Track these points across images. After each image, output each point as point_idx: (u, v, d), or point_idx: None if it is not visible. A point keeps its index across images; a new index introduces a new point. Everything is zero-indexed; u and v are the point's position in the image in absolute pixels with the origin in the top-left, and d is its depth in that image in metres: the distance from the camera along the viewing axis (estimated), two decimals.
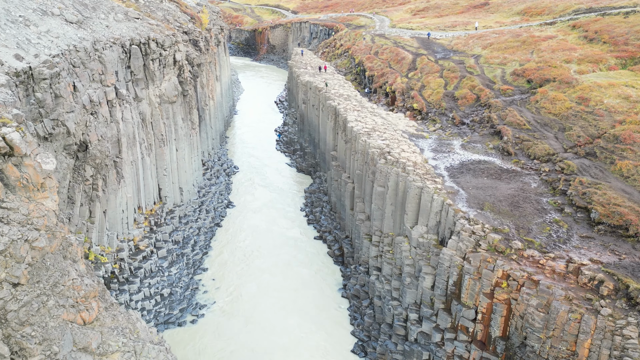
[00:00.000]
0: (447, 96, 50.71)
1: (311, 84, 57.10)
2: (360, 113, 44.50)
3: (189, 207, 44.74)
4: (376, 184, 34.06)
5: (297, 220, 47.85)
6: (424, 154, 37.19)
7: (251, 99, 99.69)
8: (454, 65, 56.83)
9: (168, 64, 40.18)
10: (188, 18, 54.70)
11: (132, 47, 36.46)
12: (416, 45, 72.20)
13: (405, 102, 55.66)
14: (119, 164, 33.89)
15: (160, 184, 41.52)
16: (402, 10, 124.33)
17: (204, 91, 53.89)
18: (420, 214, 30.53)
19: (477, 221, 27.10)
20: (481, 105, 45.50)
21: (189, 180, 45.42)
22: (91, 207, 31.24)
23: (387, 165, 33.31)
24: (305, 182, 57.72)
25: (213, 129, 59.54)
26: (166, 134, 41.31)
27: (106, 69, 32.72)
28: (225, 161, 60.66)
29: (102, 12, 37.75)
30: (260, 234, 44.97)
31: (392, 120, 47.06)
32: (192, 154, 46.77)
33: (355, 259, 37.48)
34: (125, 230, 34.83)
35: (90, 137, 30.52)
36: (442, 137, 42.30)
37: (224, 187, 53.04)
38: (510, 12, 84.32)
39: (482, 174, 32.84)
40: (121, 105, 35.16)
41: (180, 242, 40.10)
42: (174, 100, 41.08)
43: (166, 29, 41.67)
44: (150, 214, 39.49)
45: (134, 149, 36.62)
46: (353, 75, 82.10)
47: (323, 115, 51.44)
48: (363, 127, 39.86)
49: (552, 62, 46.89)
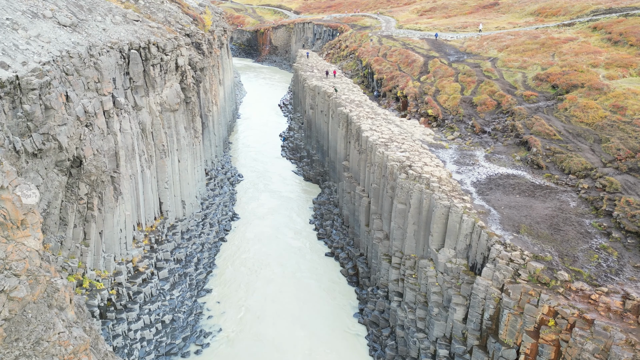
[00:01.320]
0: (464, 102, 47.93)
1: (319, 89, 54.33)
2: (374, 121, 41.74)
3: (191, 221, 42.00)
4: (396, 200, 31.31)
5: (306, 234, 45.09)
6: (447, 166, 34.43)
7: (254, 102, 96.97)
8: (469, 69, 54.05)
9: (170, 70, 37.43)
10: (190, 19, 51.96)
11: (131, 51, 33.74)
12: (427, 47, 69.44)
13: (418, 107, 52.89)
14: (116, 180, 31.15)
15: (162, 197, 38.79)
16: (407, 10, 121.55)
17: (207, 97, 51.15)
18: (447, 236, 27.77)
19: (514, 247, 24.33)
20: (503, 112, 42.71)
21: (191, 193, 42.68)
22: (86, 228, 28.49)
23: (409, 181, 30.55)
24: (313, 192, 54.97)
25: (216, 136, 56.81)
26: (167, 145, 38.57)
27: (102, 76, 29.98)
28: (229, 169, 57.92)
29: (98, 14, 35.00)
30: (267, 250, 42.21)
31: (407, 128, 44.29)
32: (195, 164, 44.03)
33: (372, 280, 34.70)
34: (124, 251, 32.08)
35: (84, 151, 27.79)
36: (462, 147, 39.53)
37: (228, 198, 50.29)
38: (522, 12, 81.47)
39: (513, 191, 30.06)
40: (119, 115, 32.42)
41: (182, 261, 37.34)
42: (176, 109, 38.33)
43: (167, 31, 38.90)
44: (151, 230, 36.75)
45: (133, 161, 33.89)
46: (360, 78, 79.36)
47: (333, 122, 48.68)
48: (379, 137, 37.09)
49: (578, 66, 44.09)
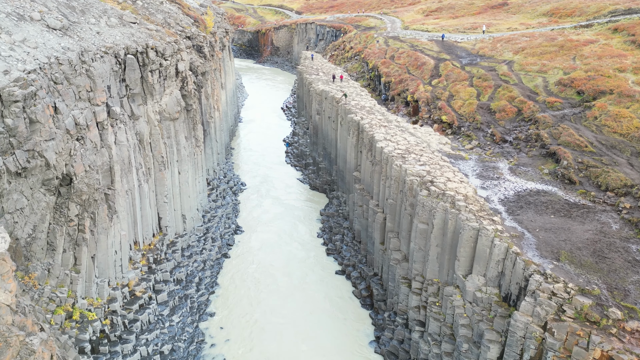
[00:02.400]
0: (481, 108, 45.29)
1: (327, 94, 51.66)
2: (387, 129, 39.08)
3: (192, 236, 39.34)
4: (417, 219, 28.65)
5: (314, 250, 42.42)
6: (469, 180, 31.75)
7: (256, 105, 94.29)
8: (484, 73, 51.41)
9: (169, 76, 34.78)
10: (191, 21, 49.31)
11: (128, 56, 31.07)
12: (436, 49, 66.78)
13: (431, 113, 50.25)
14: (111, 197, 28.49)
15: (161, 212, 36.14)
16: (412, 10, 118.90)
17: (209, 102, 48.50)
18: (475, 261, 25.13)
19: (556, 278, 21.68)
20: (524, 120, 40.06)
21: (192, 206, 40.02)
22: (77, 253, 25.83)
23: (431, 199, 27.89)
24: (320, 202, 52.31)
25: (218, 143, 54.16)
26: (167, 156, 35.92)
27: (95, 84, 27.31)
28: (232, 177, 55.25)
29: (92, 15, 32.34)
30: (272, 267, 39.55)
31: (422, 137, 41.64)
32: (196, 175, 41.38)
33: (389, 304, 32.05)
34: (119, 275, 29.43)
35: (75, 168, 25.13)
36: (483, 157, 36.88)
37: (231, 209, 47.63)
38: (534, 13, 78.80)
39: (547, 210, 27.40)
40: (114, 126, 29.77)
41: (183, 281, 34.69)
42: (176, 117, 35.68)
43: (167, 34, 36.24)
44: (149, 249, 34.10)
45: (129, 176, 31.24)
46: (366, 80, 76.73)
47: (342, 130, 46.03)
48: (395, 148, 34.43)
49: (603, 70, 41.45)
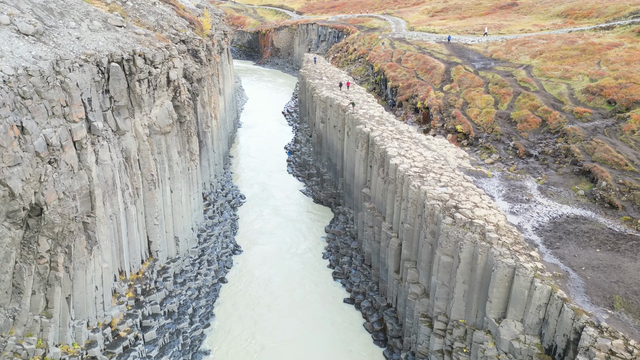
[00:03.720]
0: (500, 117, 41.77)
1: (332, 101, 48.16)
2: (401, 143, 35.57)
3: (186, 259, 35.87)
4: (440, 251, 25.17)
5: (320, 273, 38.91)
6: (496, 202, 28.23)
7: (256, 109, 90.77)
8: (501, 79, 47.90)
9: (160, 85, 31.29)
10: (186, 23, 45.84)
11: (112, 65, 27.60)
12: (446, 52, 63.29)
13: (444, 122, 46.74)
14: (90, 226, 25.01)
15: (150, 236, 32.67)
16: (417, 11, 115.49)
17: (206, 111, 45.03)
18: (511, 304, 21.66)
19: (614, 332, 18.20)
20: (550, 131, 36.56)
21: (186, 227, 36.53)
22: (48, 295, 22.35)
23: (457, 228, 24.39)
24: (325, 217, 48.82)
25: (216, 153, 50.68)
26: (158, 173, 32.45)
27: (72, 98, 23.83)
28: (230, 190, 51.75)
29: (72, 18, 28.85)
30: (274, 294, 36.04)
31: (437, 149, 38.15)
32: (191, 192, 37.89)
33: (406, 344, 28.54)
34: (100, 313, 25.94)
35: (46, 196, 21.66)
36: (507, 174, 33.38)
37: (229, 226, 44.12)
38: (547, 13, 75.30)
39: (590, 242, 23.91)
40: (96, 143, 26.30)
41: (175, 313, 31.20)
42: (168, 131, 32.20)
43: (158, 39, 32.74)
44: (137, 278, 30.62)
45: (113, 199, 27.76)
46: (371, 84, 73.29)
47: (349, 141, 42.53)
48: (411, 166, 30.92)
49: (635, 77, 37.99)
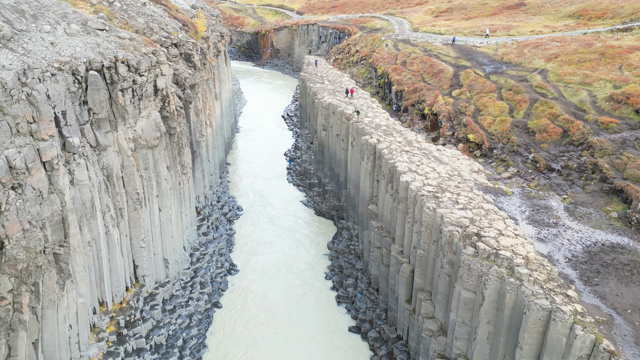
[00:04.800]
0: (516, 127, 38.79)
1: (335, 108, 45.17)
2: (411, 156, 32.58)
3: (176, 283, 32.93)
4: (460, 285, 22.22)
5: (322, 296, 35.95)
6: (520, 225, 25.24)
7: (255, 113, 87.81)
8: (514, 84, 44.91)
9: (146, 95, 28.33)
10: (179, 25, 42.89)
11: (90, 73, 24.66)
12: (454, 55, 60.32)
13: (455, 130, 43.79)
14: (63, 257, 22.08)
15: (137, 259, 29.74)
16: (420, 11, 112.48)
17: (200, 119, 42.08)
18: (546, 352, 18.71)
19: None
20: (573, 143, 33.59)
21: (177, 247, 33.59)
22: (11, 341, 19.40)
23: (480, 260, 21.44)
24: (327, 231, 45.86)
25: (211, 163, 47.73)
26: (144, 191, 29.51)
27: (40, 113, 20.89)
28: (227, 201, 48.79)
29: (46, 21, 25.90)
30: (272, 321, 33.06)
31: (449, 161, 35.21)
32: (182, 208, 34.96)
33: None
34: (75, 354, 22.99)
35: (7, 228, 18.72)
36: (528, 191, 30.41)
37: (224, 243, 41.14)
38: (558, 14, 72.29)
39: (632, 276, 20.96)
40: (71, 161, 23.37)
41: (162, 347, 28.25)
42: (155, 144, 29.24)
43: (144, 43, 29.78)
44: (120, 308, 27.67)
45: (92, 222, 24.83)
46: (374, 87, 70.39)
47: (354, 152, 39.58)
48: (424, 184, 27.93)
49: None
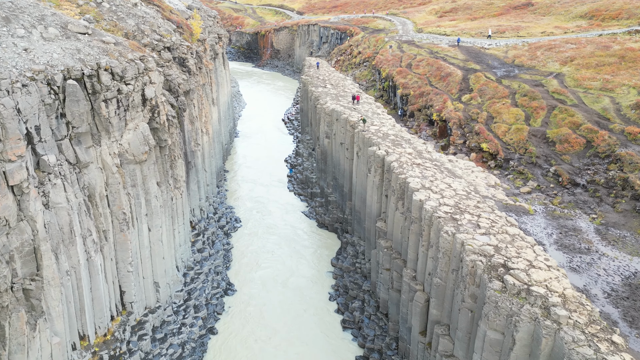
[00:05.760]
0: (534, 136, 36.18)
1: (339, 115, 42.52)
2: (423, 170, 29.92)
3: (168, 308, 30.31)
4: (485, 324, 19.59)
5: (326, 319, 33.33)
6: (548, 251, 22.60)
7: (255, 116, 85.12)
8: (529, 89, 42.30)
9: (133, 105, 25.69)
10: (173, 27, 40.26)
11: (68, 83, 22.06)
12: (462, 57, 57.72)
13: (466, 139, 41.20)
14: (35, 293, 19.47)
15: (123, 285, 27.12)
16: (424, 11, 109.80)
17: (195, 127, 39.45)
18: None
19: None
20: (599, 155, 30.98)
21: (168, 268, 30.97)
22: None
23: (509, 297, 18.81)
24: (331, 245, 43.23)
25: (208, 172, 45.11)
26: (132, 210, 26.89)
27: (6, 130, 18.29)
28: (224, 213, 46.14)
29: (21, 25, 23.29)
30: (273, 350, 30.45)
31: (463, 174, 32.59)
32: (175, 225, 32.36)
33: None
34: None
35: None
36: (551, 209, 27.78)
37: (221, 259, 38.49)
38: (569, 14, 69.62)
39: None
40: (46, 183, 20.77)
41: None
42: (144, 159, 26.62)
43: (131, 48, 27.13)
44: (104, 341, 25.06)
45: (71, 249, 22.23)
46: (378, 91, 67.86)
47: (360, 163, 36.97)
48: (440, 203, 25.26)
49: None
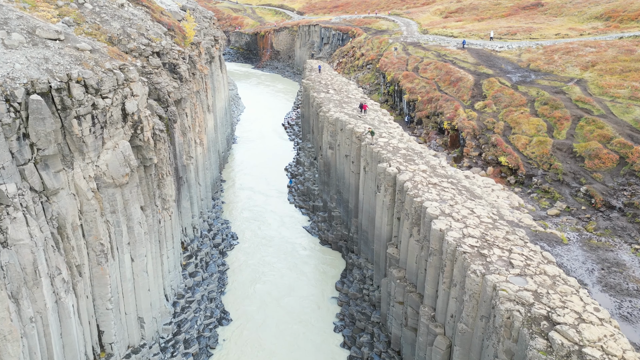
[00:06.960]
0: (559, 150, 32.95)
1: (344, 125, 39.23)
2: (441, 191, 26.64)
3: (154, 345, 27.05)
4: None
5: (331, 354, 30.07)
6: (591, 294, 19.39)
7: (254, 120, 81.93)
8: (549, 97, 39.05)
9: (111, 122, 22.43)
10: (163, 30, 37.00)
11: (31, 98, 18.81)
12: (472, 61, 54.52)
13: (482, 150, 37.94)
14: None
15: (102, 324, 23.88)
16: (428, 11, 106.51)
17: (187, 138, 36.19)
18: None
19: None
20: (635, 174, 27.74)
21: (155, 301, 27.68)
22: None
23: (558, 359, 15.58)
24: (335, 265, 40.01)
25: (202, 186, 41.84)
26: (112, 239, 23.63)
27: None
28: (220, 229, 42.87)
29: None
30: None
31: (482, 193, 29.34)
32: (163, 251, 29.08)
33: None
34: None
35: None
36: (587, 236, 24.54)
37: (215, 284, 35.25)
38: (582, 15, 66.36)
39: None
40: (3, 217, 17.53)
41: None
42: (125, 182, 23.37)
43: (110, 56, 23.86)
44: None
45: (36, 292, 19.00)
46: (382, 95, 64.56)
47: (367, 179, 33.72)
48: (463, 234, 22.00)
49: None
